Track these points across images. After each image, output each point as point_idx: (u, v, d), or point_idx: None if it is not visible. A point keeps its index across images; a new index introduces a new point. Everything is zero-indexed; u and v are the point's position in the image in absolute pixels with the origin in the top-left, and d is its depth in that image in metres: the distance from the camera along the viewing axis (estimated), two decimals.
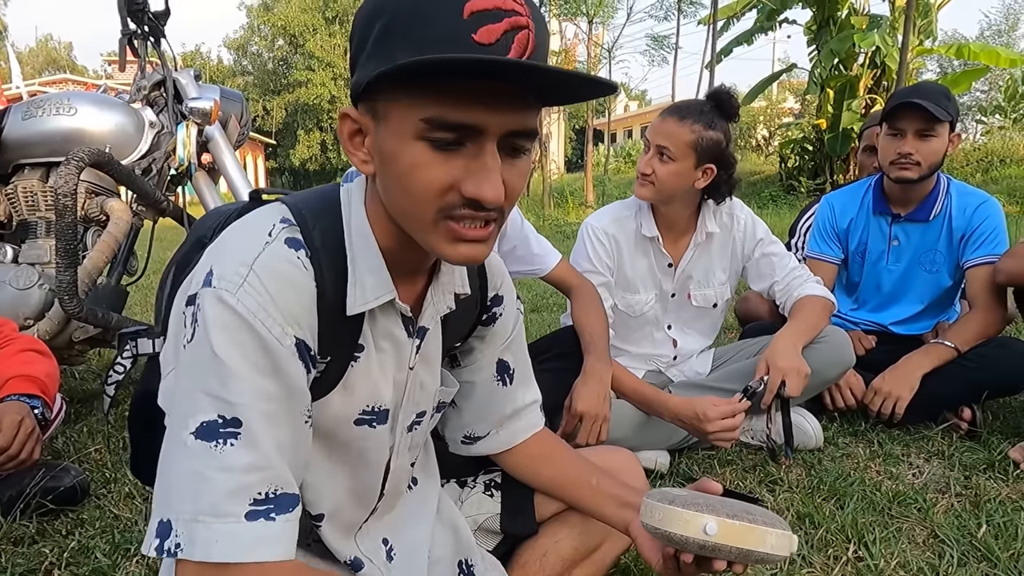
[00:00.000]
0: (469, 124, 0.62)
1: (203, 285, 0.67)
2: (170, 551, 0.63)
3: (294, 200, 0.75)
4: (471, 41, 0.60)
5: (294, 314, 0.68)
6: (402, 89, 0.62)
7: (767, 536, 0.74)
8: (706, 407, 1.58)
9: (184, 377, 0.67)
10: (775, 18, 11.06)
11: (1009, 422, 1.96)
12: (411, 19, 0.61)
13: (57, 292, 1.84)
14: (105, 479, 1.66)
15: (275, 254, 0.69)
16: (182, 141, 2.18)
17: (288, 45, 33.11)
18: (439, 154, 0.63)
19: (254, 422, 0.65)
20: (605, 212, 1.91)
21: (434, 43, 0.60)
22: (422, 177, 0.64)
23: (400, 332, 0.80)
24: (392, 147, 0.65)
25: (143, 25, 2.22)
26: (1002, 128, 12.84)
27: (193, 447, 0.64)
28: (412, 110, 0.62)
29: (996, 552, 1.29)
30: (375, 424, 0.82)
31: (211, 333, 0.65)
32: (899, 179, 1.95)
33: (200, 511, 0.63)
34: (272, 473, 0.66)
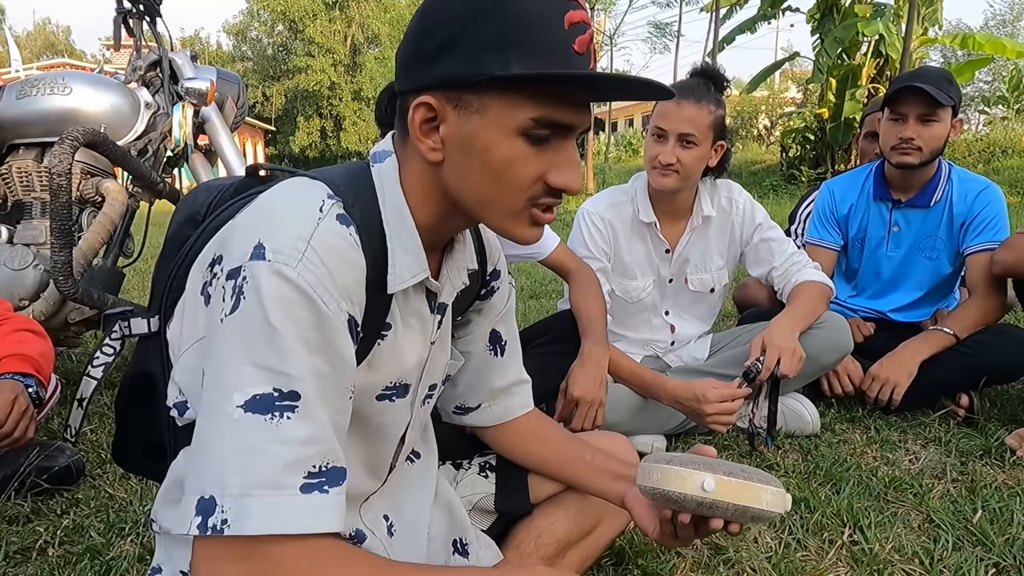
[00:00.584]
0: (567, 123, 0.70)
1: (252, 259, 0.65)
2: (215, 527, 0.61)
3: (328, 177, 0.75)
4: (572, 50, 0.68)
5: (348, 289, 0.69)
6: (509, 89, 0.67)
7: (763, 492, 0.76)
8: (705, 389, 1.57)
9: (224, 350, 0.65)
10: (778, 6, 10.98)
11: (1006, 409, 1.95)
12: (523, 26, 0.66)
13: (52, 273, 1.83)
14: (100, 459, 1.66)
15: (330, 229, 0.68)
16: (178, 122, 2.16)
17: (288, 31, 32.91)
18: (533, 149, 0.70)
19: (312, 395, 0.65)
20: (601, 197, 1.90)
21: (545, 51, 0.67)
22: (519, 170, 0.70)
23: (425, 309, 0.82)
24: (488, 139, 0.69)
25: (138, 4, 2.19)
26: (1005, 119, 12.78)
27: (243, 420, 0.62)
28: (518, 109, 0.68)
29: (991, 537, 1.29)
30: (395, 398, 0.83)
31: (268, 306, 0.63)
32: (900, 164, 1.93)
33: (252, 484, 0.61)
34: (327, 446, 0.66)
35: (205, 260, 0.74)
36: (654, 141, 1.70)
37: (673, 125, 1.66)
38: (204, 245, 0.78)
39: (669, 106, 1.65)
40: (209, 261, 0.72)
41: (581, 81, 0.69)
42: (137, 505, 1.44)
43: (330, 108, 32.07)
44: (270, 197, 0.73)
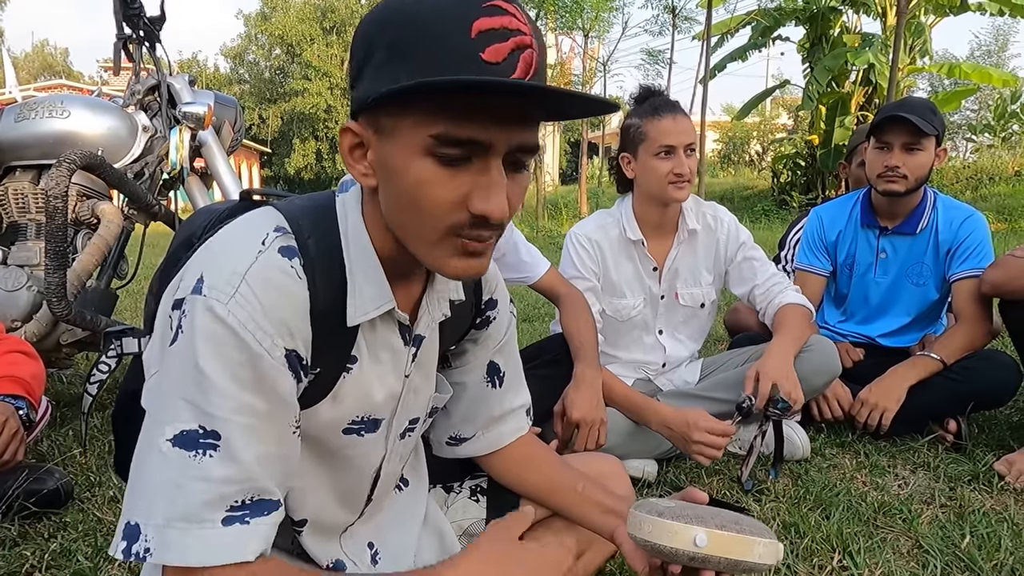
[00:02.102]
0: (478, 140, 0.63)
1: (192, 292, 0.66)
2: (138, 555, 0.63)
3: (289, 207, 0.75)
4: (479, 60, 0.61)
5: (286, 324, 0.68)
6: (410, 106, 0.62)
7: (755, 546, 0.75)
8: (697, 417, 1.58)
9: (165, 382, 0.67)
10: (769, 35, 11.20)
11: (994, 434, 1.97)
12: (419, 37, 0.61)
13: (45, 294, 1.83)
14: (89, 482, 1.65)
15: (268, 263, 0.68)
16: (175, 145, 2.18)
17: (285, 54, 33.22)
18: (446, 170, 0.63)
19: (234, 436, 0.65)
20: (588, 221, 1.94)
21: (443, 62, 0.60)
22: (430, 194, 0.64)
23: (397, 341, 0.80)
24: (398, 162, 0.65)
25: (138, 30, 2.23)
26: (991, 146, 13.00)
27: (170, 454, 0.64)
28: (420, 127, 0.62)
29: (979, 563, 1.29)
30: (363, 433, 0.82)
31: (197, 344, 0.64)
32: (886, 192, 1.97)
33: (174, 517, 0.63)
34: (250, 484, 0.66)
35: (173, 286, 0.74)
36: (661, 159, 1.74)
37: (680, 139, 1.72)
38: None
39: (668, 124, 1.72)
40: (174, 287, 0.73)
41: (473, 89, 0.60)
42: None
43: (326, 131, 32.26)
44: (226, 229, 0.73)
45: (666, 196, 1.77)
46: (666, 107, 1.74)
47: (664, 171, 1.73)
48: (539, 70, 0.64)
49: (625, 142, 1.83)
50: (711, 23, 10.77)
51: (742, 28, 11.56)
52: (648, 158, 1.76)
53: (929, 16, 10.25)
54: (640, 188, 1.84)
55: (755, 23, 11.16)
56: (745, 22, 11.43)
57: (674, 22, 13.92)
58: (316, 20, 32.26)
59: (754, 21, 11.16)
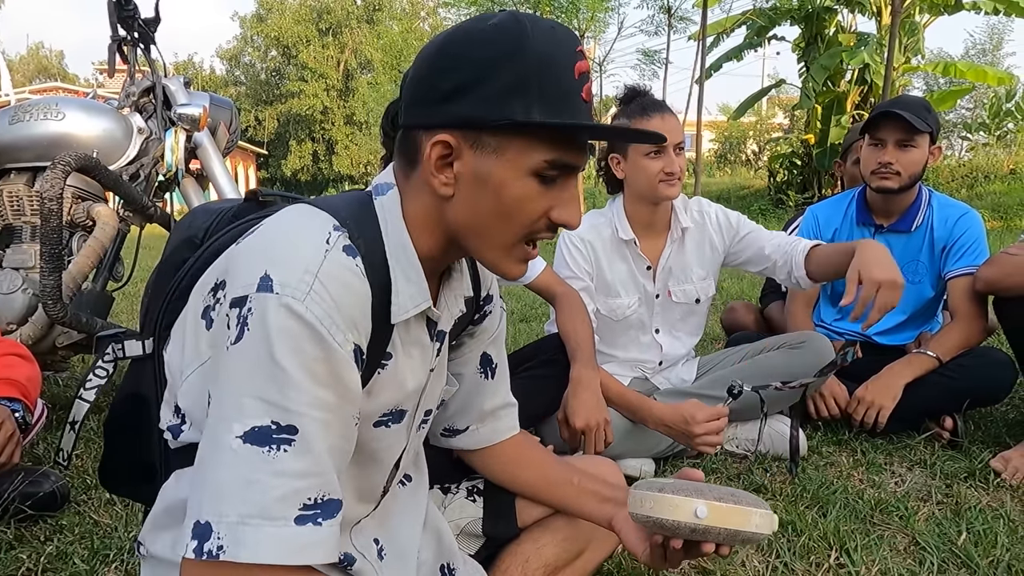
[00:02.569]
0: (574, 165, 0.75)
1: (259, 290, 0.66)
2: (211, 552, 0.63)
3: (333, 208, 0.76)
4: (581, 98, 0.73)
5: (355, 320, 0.70)
6: (528, 132, 0.72)
7: (752, 516, 0.78)
8: (694, 411, 1.59)
9: (228, 380, 0.67)
10: (764, 34, 11.21)
11: (990, 431, 1.98)
12: (543, 73, 0.71)
13: (41, 297, 1.83)
14: (86, 485, 1.65)
15: (337, 261, 0.70)
16: (170, 147, 2.18)
17: (281, 56, 33.19)
18: (542, 187, 0.74)
19: (310, 429, 0.66)
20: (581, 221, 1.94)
21: (560, 98, 0.72)
22: (528, 207, 0.74)
23: (426, 337, 0.84)
24: (503, 178, 0.73)
25: (133, 31, 2.22)
26: (986, 145, 13.02)
27: (242, 451, 0.64)
28: (533, 151, 0.72)
29: (976, 559, 1.30)
30: (391, 424, 0.85)
31: (273, 340, 0.65)
32: (880, 188, 1.98)
33: (248, 514, 0.63)
34: (323, 479, 0.67)
35: (207, 284, 0.75)
36: (651, 158, 1.74)
37: (672, 136, 1.73)
38: (203, 268, 0.79)
39: (656, 123, 1.72)
40: (212, 286, 0.73)
41: (590, 130, 0.75)
42: (122, 531, 1.42)
43: (322, 132, 32.24)
44: (276, 226, 0.74)
45: (657, 195, 1.78)
46: (654, 107, 1.75)
47: (655, 170, 1.74)
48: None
49: (613, 143, 1.83)
50: (707, 23, 10.79)
51: (737, 28, 11.58)
52: (638, 158, 1.76)
53: (924, 15, 10.28)
54: (630, 188, 1.85)
55: (750, 23, 11.18)
56: (740, 22, 11.44)
57: (670, 22, 13.95)
58: (312, 22, 32.24)
59: (749, 21, 11.18)
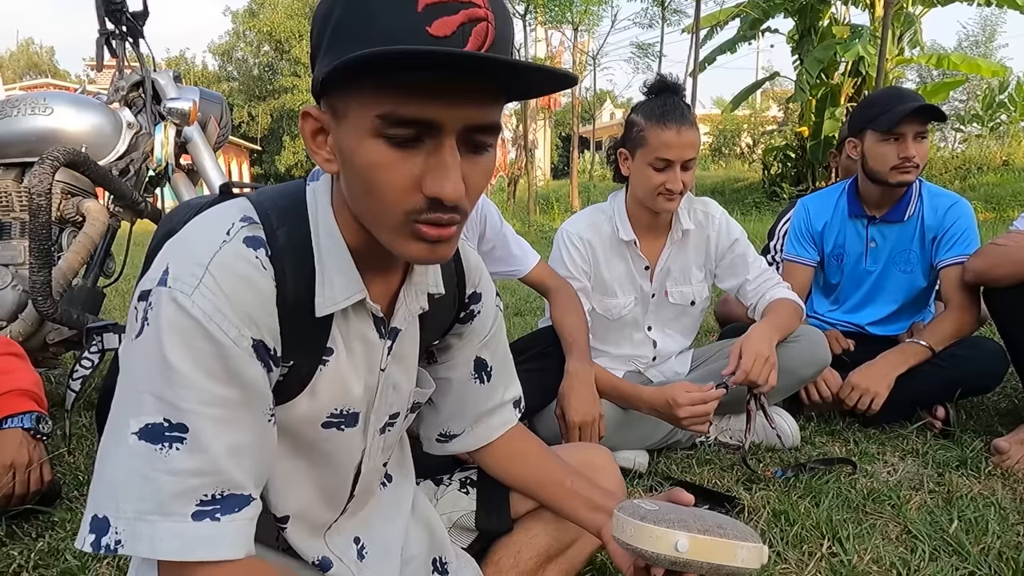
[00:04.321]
0: (424, 119, 0.61)
1: (158, 283, 0.65)
2: (108, 547, 0.63)
3: (260, 198, 0.74)
4: (425, 34, 0.58)
5: (251, 315, 0.67)
6: (356, 86, 0.61)
7: (738, 550, 0.75)
8: (676, 393, 1.58)
9: (129, 374, 0.66)
10: (758, 27, 11.21)
11: (981, 420, 1.99)
12: (364, 14, 0.60)
13: (31, 293, 1.82)
14: (77, 481, 1.64)
15: (232, 253, 0.67)
16: (160, 142, 2.16)
17: (274, 51, 33.00)
18: (397, 152, 0.62)
19: (202, 427, 0.64)
20: (580, 217, 1.91)
21: (386, 37, 0.58)
22: (382, 177, 0.63)
23: (372, 333, 0.79)
24: (350, 145, 0.64)
25: (121, 25, 2.20)
26: (979, 136, 13.06)
27: (136, 447, 0.64)
28: (367, 107, 0.61)
29: (967, 547, 1.30)
30: (343, 427, 0.81)
31: (163, 336, 0.64)
32: (902, 183, 1.95)
33: (145, 510, 0.63)
34: (219, 477, 0.66)
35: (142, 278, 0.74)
36: (656, 170, 1.67)
37: (679, 154, 1.64)
38: None
39: (670, 136, 1.63)
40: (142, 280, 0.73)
41: (414, 59, 0.57)
42: None
43: None
44: (193, 221, 0.73)
45: (654, 206, 1.74)
46: (674, 115, 1.64)
47: (656, 183, 1.68)
48: (497, 43, 0.62)
49: (626, 136, 1.75)
50: (700, 16, 10.77)
51: (731, 20, 11.57)
52: (643, 165, 1.69)
53: (917, 7, 10.29)
54: (632, 188, 1.82)
55: (744, 15, 11.17)
56: (734, 14, 11.43)
57: (663, 15, 13.91)
58: (305, 16, 32.02)
59: (743, 13, 11.17)
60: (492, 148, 0.67)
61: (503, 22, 0.63)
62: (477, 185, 0.66)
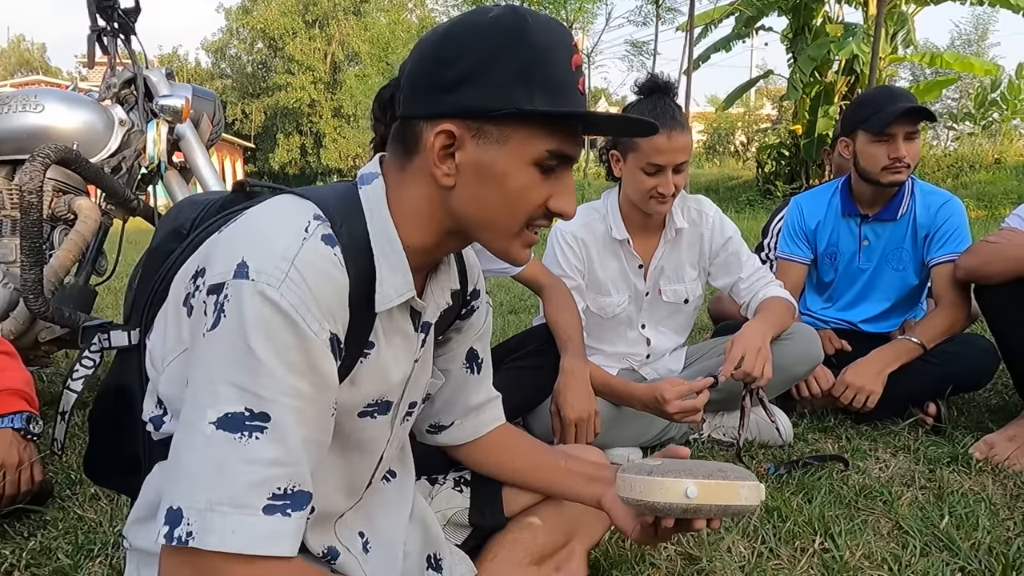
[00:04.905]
0: (572, 156, 0.78)
1: (235, 276, 0.66)
2: (180, 539, 0.63)
3: (317, 197, 0.76)
4: (577, 90, 0.76)
5: (331, 309, 0.70)
6: (530, 122, 0.73)
7: (740, 489, 0.81)
8: (663, 389, 1.59)
9: (203, 366, 0.67)
10: (752, 25, 11.23)
11: (972, 417, 2.00)
12: (544, 65, 0.73)
13: (22, 291, 1.81)
14: (70, 480, 1.64)
15: (314, 249, 0.70)
16: (152, 139, 2.15)
17: (267, 48, 32.86)
18: (542, 176, 0.76)
19: (283, 417, 0.66)
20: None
21: (559, 89, 0.74)
22: (530, 196, 0.76)
23: (409, 327, 0.84)
24: (506, 167, 0.74)
25: (112, 22, 2.19)
26: (972, 134, 13.12)
27: (214, 437, 0.64)
28: (535, 141, 0.74)
29: (957, 542, 1.31)
30: (376, 415, 0.85)
31: (248, 327, 0.65)
32: (893, 183, 1.96)
33: (218, 500, 0.63)
34: (294, 469, 0.67)
35: (188, 272, 0.75)
36: (647, 176, 1.67)
37: (670, 159, 1.64)
38: (188, 258, 0.79)
39: (661, 142, 1.61)
40: (192, 273, 0.73)
41: (588, 119, 0.77)
42: (107, 526, 1.41)
43: (310, 125, 31.99)
44: (257, 214, 0.74)
45: (646, 209, 1.75)
46: (664, 120, 1.61)
47: (647, 187, 1.68)
48: None
49: (618, 138, 1.75)
50: (694, 13, 10.79)
51: (726, 18, 11.59)
52: (635, 169, 1.69)
53: (910, 5, 10.32)
54: (625, 190, 1.81)
55: (738, 13, 11.18)
56: (728, 12, 11.45)
57: (657, 13, 13.95)
58: (298, 13, 31.92)
59: (737, 11, 11.18)
60: None
61: None
62: None
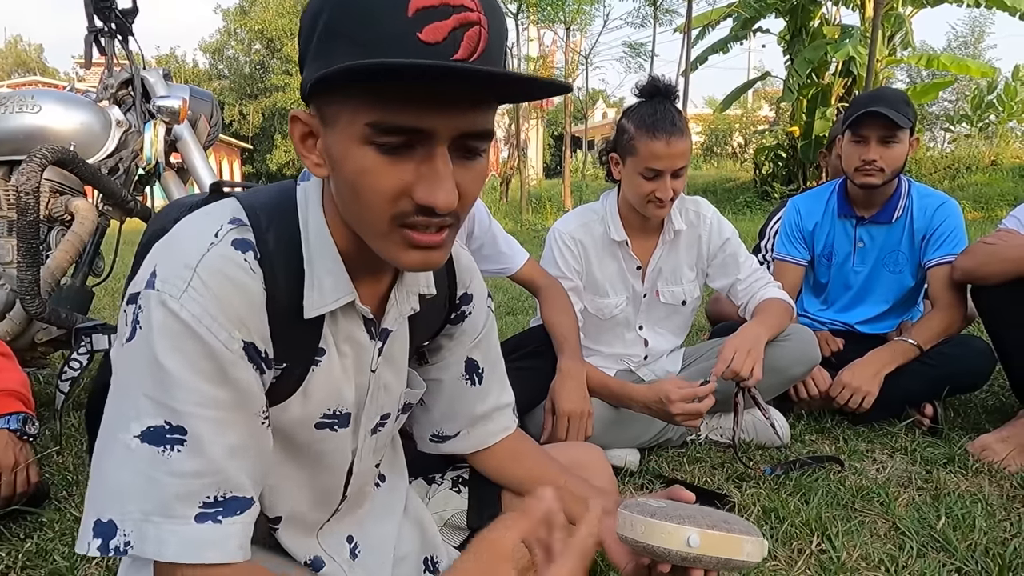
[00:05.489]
0: (415, 127, 0.60)
1: (146, 286, 0.65)
2: (118, 549, 0.63)
3: (249, 199, 0.74)
4: (416, 40, 0.57)
5: (240, 317, 0.67)
6: (345, 92, 0.60)
7: (744, 544, 0.77)
8: (669, 390, 1.59)
9: (124, 377, 0.66)
10: (749, 27, 11.26)
11: (969, 418, 2.00)
12: (353, 17, 0.58)
13: (19, 292, 1.80)
14: (66, 482, 1.63)
15: (220, 256, 0.67)
16: (149, 140, 2.15)
17: (265, 49, 32.85)
18: (387, 159, 0.61)
19: (200, 429, 0.65)
20: (572, 217, 1.91)
21: (377, 43, 0.57)
22: (371, 183, 0.62)
23: (362, 334, 0.79)
24: (340, 151, 0.63)
25: (110, 22, 2.19)
26: (968, 136, 13.17)
27: (139, 451, 0.64)
28: (357, 114, 0.60)
29: (954, 543, 1.31)
30: (336, 427, 0.82)
31: (154, 339, 0.64)
32: (864, 185, 1.98)
33: (151, 511, 0.63)
34: (220, 478, 0.66)
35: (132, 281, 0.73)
36: (645, 180, 1.67)
37: (669, 165, 1.64)
38: None
39: (660, 147, 1.62)
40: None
41: (406, 72, 0.56)
42: None
43: None
44: (182, 223, 0.72)
45: (644, 212, 1.75)
46: (664, 125, 1.62)
47: (646, 191, 1.68)
48: (489, 48, 0.60)
49: (617, 141, 1.75)
50: (692, 15, 10.82)
51: (723, 20, 11.62)
52: (633, 173, 1.69)
53: (907, 8, 10.36)
54: (623, 192, 1.81)
55: (736, 15, 11.21)
56: (726, 14, 11.48)
57: (655, 14, 13.97)
58: (296, 14, 31.86)
59: (735, 13, 11.21)
60: (485, 153, 0.66)
61: (497, 25, 0.61)
62: (471, 191, 0.65)
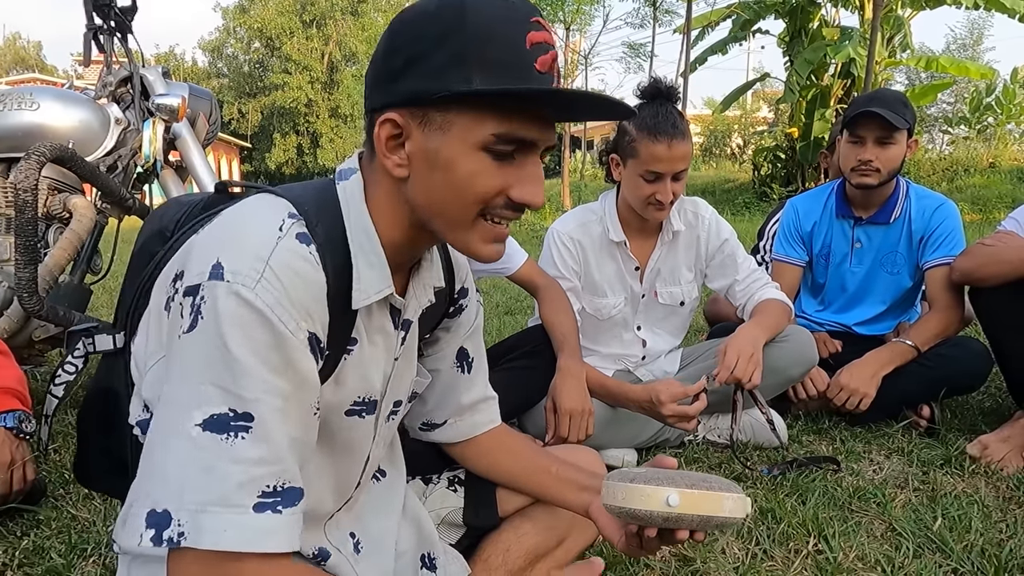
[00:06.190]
0: (529, 140, 0.72)
1: (211, 278, 0.66)
2: (171, 539, 0.63)
3: (293, 195, 0.76)
4: (534, 69, 0.70)
5: (308, 308, 0.70)
6: (471, 104, 0.69)
7: (725, 501, 0.78)
8: (659, 391, 1.59)
9: (183, 368, 0.67)
10: (749, 28, 11.27)
11: (966, 419, 2.01)
12: (485, 43, 0.68)
13: (16, 289, 1.80)
14: (64, 479, 1.63)
15: (289, 249, 0.69)
16: (148, 138, 2.14)
17: (264, 48, 32.83)
18: (496, 163, 0.72)
19: (266, 416, 0.66)
20: (570, 217, 1.91)
21: (506, 69, 0.69)
22: (480, 183, 0.72)
23: (389, 325, 0.83)
24: (451, 154, 0.71)
25: (109, 20, 2.18)
26: (967, 138, 13.19)
27: (200, 439, 0.64)
28: (480, 124, 0.70)
29: (950, 544, 1.32)
30: (364, 414, 0.85)
31: (224, 328, 0.65)
32: (860, 185, 1.99)
33: (208, 501, 0.63)
34: (281, 467, 0.67)
35: (168, 275, 0.74)
36: (645, 183, 1.67)
37: (669, 167, 1.64)
38: (169, 260, 0.78)
39: (661, 150, 1.61)
40: (172, 277, 0.73)
41: (540, 97, 0.70)
42: (100, 526, 1.41)
43: (307, 125, 31.96)
44: (231, 214, 0.74)
45: (644, 214, 1.75)
46: (665, 128, 1.61)
47: (646, 193, 1.68)
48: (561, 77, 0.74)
49: (617, 143, 1.75)
50: (692, 16, 10.82)
51: (723, 21, 11.63)
52: (634, 175, 1.69)
53: (906, 10, 10.37)
54: (623, 194, 1.81)
55: (735, 16, 11.22)
56: (726, 15, 11.49)
57: (655, 15, 13.97)
58: (295, 13, 31.89)
59: (734, 14, 11.22)
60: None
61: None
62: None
